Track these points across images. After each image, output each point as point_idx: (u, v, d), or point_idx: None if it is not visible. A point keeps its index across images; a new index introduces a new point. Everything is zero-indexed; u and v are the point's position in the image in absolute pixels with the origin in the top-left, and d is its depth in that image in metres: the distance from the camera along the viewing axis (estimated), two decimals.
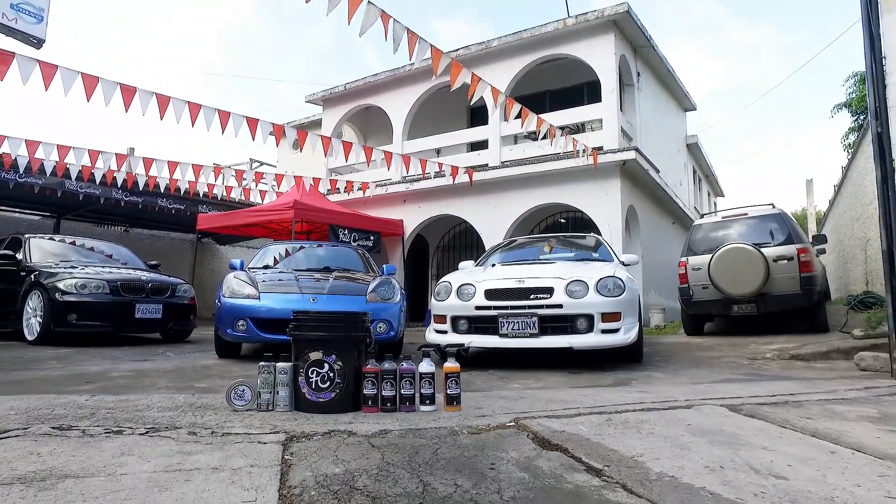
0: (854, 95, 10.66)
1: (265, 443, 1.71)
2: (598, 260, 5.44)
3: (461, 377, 2.31)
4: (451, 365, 2.26)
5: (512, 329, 4.23)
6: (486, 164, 10.35)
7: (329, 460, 1.56)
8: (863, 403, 2.52)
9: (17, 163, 8.94)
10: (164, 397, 2.55)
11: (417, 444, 1.72)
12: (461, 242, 12.05)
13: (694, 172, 16.23)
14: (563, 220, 11.58)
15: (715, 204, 19.88)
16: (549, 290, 4.25)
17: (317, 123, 13.77)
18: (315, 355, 2.11)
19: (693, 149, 15.42)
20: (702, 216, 8.35)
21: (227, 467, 1.50)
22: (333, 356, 2.12)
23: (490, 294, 4.39)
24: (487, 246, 9.41)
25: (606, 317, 4.19)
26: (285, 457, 1.59)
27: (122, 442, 1.70)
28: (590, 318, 4.17)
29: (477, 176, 9.76)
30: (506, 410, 2.20)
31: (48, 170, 9.39)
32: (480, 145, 10.99)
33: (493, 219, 10.00)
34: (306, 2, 4.76)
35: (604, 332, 4.18)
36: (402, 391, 2.17)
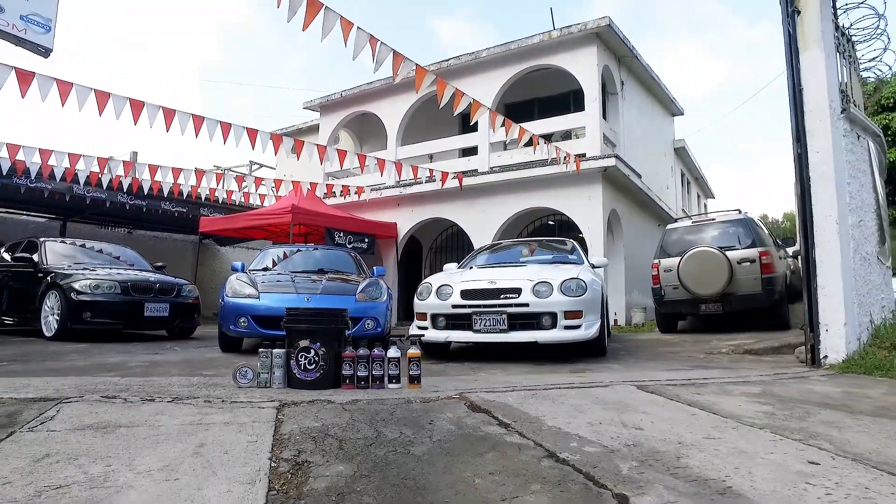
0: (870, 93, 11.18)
1: (263, 408, 2.27)
2: (570, 262, 5.98)
3: (439, 367, 2.86)
4: (414, 351, 2.82)
5: (484, 325, 4.78)
6: (476, 170, 10.91)
7: (311, 418, 2.12)
8: (756, 384, 3.08)
9: (29, 169, 9.50)
10: (180, 379, 3.12)
11: (379, 408, 2.27)
12: (453, 244, 12.61)
13: (682, 176, 16.76)
14: (552, 223, 12.12)
15: (705, 205, 20.42)
16: (518, 291, 4.81)
17: (314, 128, 14.33)
18: (304, 343, 2.67)
19: (681, 152, 15.95)
20: (675, 220, 8.89)
21: (235, 422, 2.06)
22: (318, 344, 2.68)
23: (465, 294, 4.94)
24: (477, 247, 9.96)
25: (569, 314, 4.74)
26: (278, 416, 2.15)
27: (154, 406, 2.26)
28: (553, 315, 4.72)
29: (467, 181, 10.33)
30: (457, 389, 2.75)
31: (58, 175, 9.97)
32: (471, 151, 11.54)
33: (482, 222, 10.56)
34: (283, 11, 5.32)
35: (566, 328, 4.72)
36: (374, 372, 2.72)
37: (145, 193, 10.53)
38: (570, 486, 1.47)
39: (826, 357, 3.93)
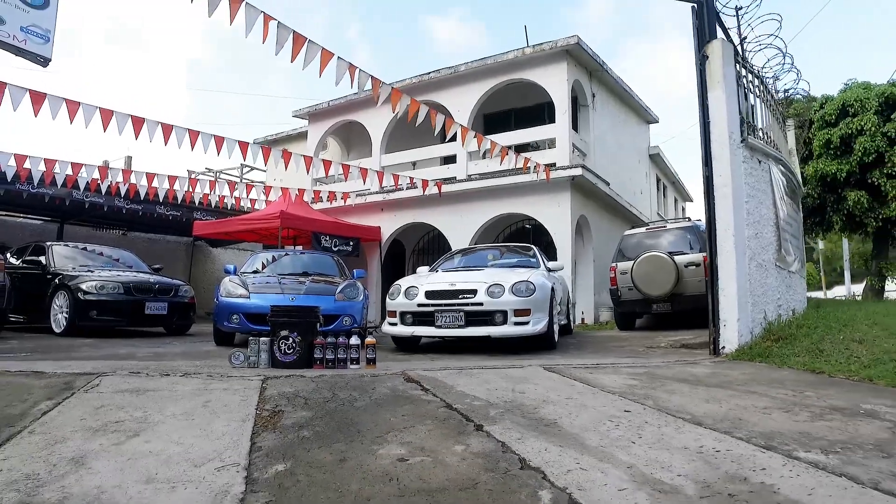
0: (793, 111, 12.11)
1: (252, 380, 3.07)
2: (528, 266, 6.81)
3: (405, 356, 3.67)
4: (370, 339, 3.64)
5: (445, 322, 5.60)
6: (455, 177, 11.73)
7: (286, 386, 2.93)
8: (647, 368, 3.91)
9: (31, 176, 10.24)
10: (186, 362, 3.92)
11: (338, 380, 3.09)
12: (434, 246, 13.42)
13: (658, 181, 17.66)
14: (528, 226, 12.95)
15: (683, 209, 21.35)
16: (474, 292, 5.63)
17: (303, 135, 15.09)
18: (284, 332, 3.47)
19: (656, 159, 16.84)
20: (631, 227, 9.74)
21: (231, 388, 2.86)
22: (295, 333, 3.48)
23: (429, 294, 5.75)
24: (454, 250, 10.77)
25: (518, 312, 5.56)
26: (263, 385, 2.95)
27: (170, 379, 3.06)
28: (504, 313, 5.54)
29: (446, 188, 11.13)
30: (403, 369, 3.56)
31: (59, 182, 10.71)
32: (451, 159, 12.36)
33: (460, 226, 11.37)
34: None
35: (516, 324, 5.54)
36: (339, 356, 3.53)
37: (141, 198, 11.27)
38: (450, 421, 2.29)
39: (724, 347, 4.78)
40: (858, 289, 19.91)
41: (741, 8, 5.59)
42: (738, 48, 5.72)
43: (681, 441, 2.10)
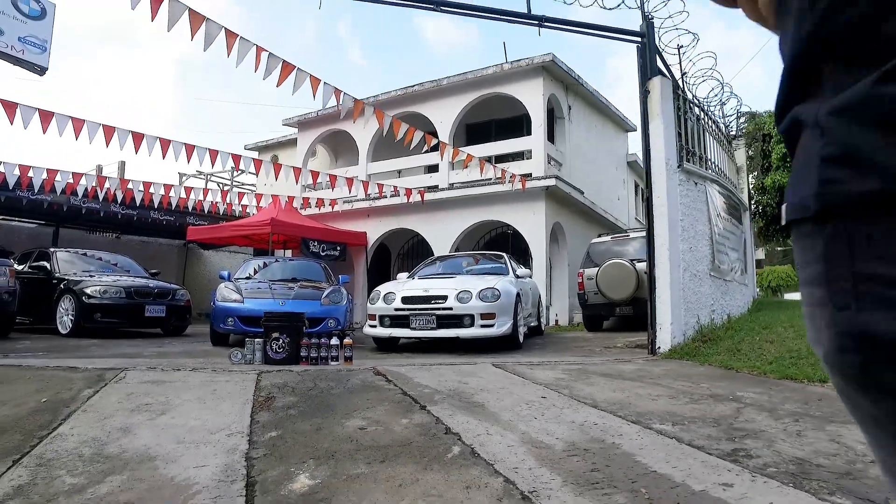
0: (744, 129, 13.00)
1: (249, 373, 3.80)
2: (498, 273, 7.56)
3: (383, 356, 4.40)
4: (348, 340, 4.37)
5: (418, 324, 6.34)
6: (437, 186, 12.47)
7: (277, 378, 3.66)
8: (583, 364, 4.68)
9: (32, 183, 10.85)
10: (190, 360, 4.63)
11: (319, 374, 3.82)
12: (418, 251, 14.15)
13: (636, 187, 18.49)
14: (509, 232, 13.71)
15: None
16: (445, 297, 6.37)
17: (293, 141, 15.76)
18: (275, 334, 4.20)
19: (634, 166, 17.64)
20: (598, 236, 10.53)
21: (232, 380, 3.59)
22: (285, 335, 4.21)
23: (405, 300, 6.49)
24: (436, 255, 11.51)
25: (484, 315, 6.31)
26: (258, 378, 3.67)
27: (182, 373, 3.78)
28: (472, 316, 6.29)
29: (428, 196, 11.88)
30: (375, 365, 4.30)
31: (59, 189, 11.33)
32: (434, 168, 13.10)
33: (442, 232, 12.12)
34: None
35: (482, 326, 6.29)
36: (321, 354, 4.26)
37: (137, 204, 11.92)
38: (402, 403, 3.03)
39: (659, 348, 5.56)
40: None
41: (682, 46, 6.37)
42: (681, 82, 6.50)
43: (572, 418, 2.86)
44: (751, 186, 13.26)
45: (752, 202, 13.02)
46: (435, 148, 12.58)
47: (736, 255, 7.21)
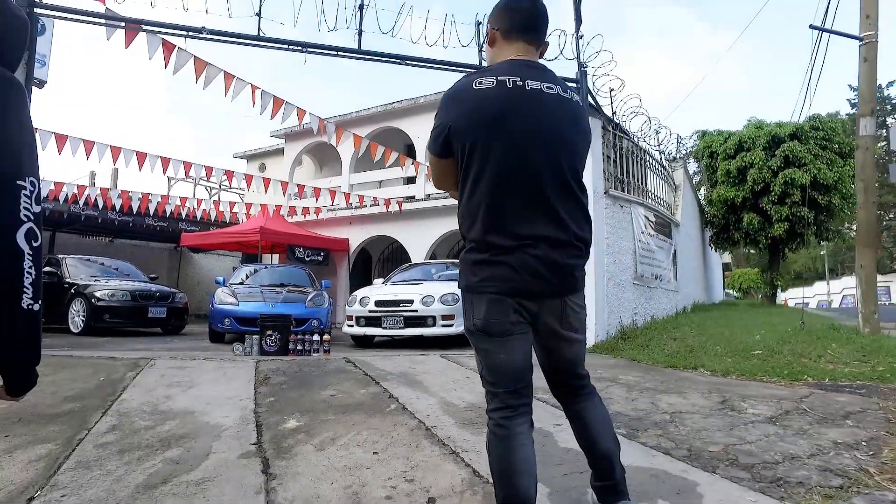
0: (696, 147, 14.39)
1: (249, 362, 5.00)
2: None
3: (360, 351, 5.63)
4: (327, 336, 5.60)
5: (389, 324, 7.57)
6: (414, 196, 13.70)
7: (271, 364, 4.87)
8: None
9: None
10: (200, 353, 5.82)
11: (304, 362, 5.04)
12: (397, 256, 15.38)
13: None
14: None
15: None
16: (411, 301, 7.61)
17: (281, 151, 16.89)
18: (269, 332, 5.41)
19: None
20: None
21: (237, 366, 4.80)
22: (276, 332, 5.42)
23: (377, 303, 7.72)
24: (414, 259, 12.75)
25: (445, 317, 7.55)
26: (257, 364, 4.88)
27: (197, 361, 4.98)
28: (434, 317, 7.53)
29: (406, 206, 13.10)
30: (347, 356, 5.52)
31: (62, 199, 12.36)
32: (412, 179, 14.32)
33: (419, 239, 13.34)
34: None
35: (443, 325, 7.53)
36: (305, 347, 5.48)
37: (134, 212, 13.00)
38: (363, 381, 4.27)
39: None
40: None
41: (613, 89, 7.67)
42: (613, 117, 7.80)
43: (481, 390, 4.11)
44: (702, 199, 14.65)
45: (705, 213, 14.39)
46: (412, 155, 13.83)
47: (663, 265, 8.53)
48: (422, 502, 2.24)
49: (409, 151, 15.63)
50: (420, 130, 14.01)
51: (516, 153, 1.68)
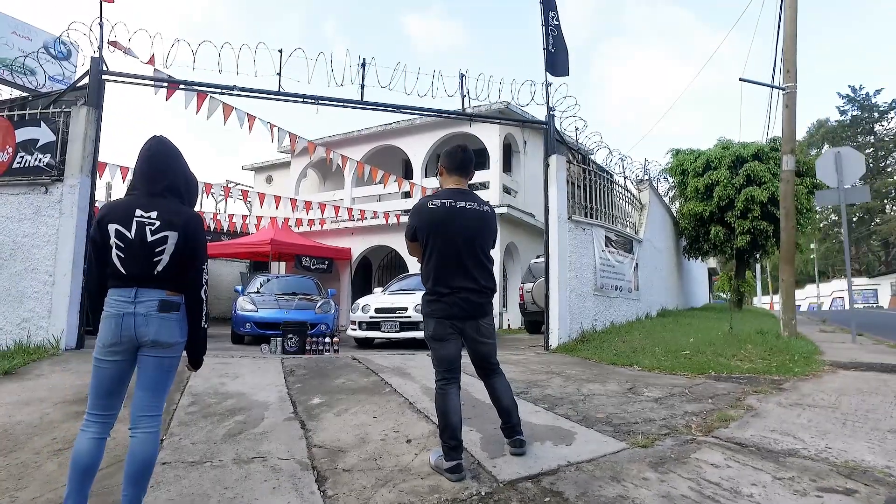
0: (670, 164, 15.85)
1: (276, 359, 6.46)
2: None
3: (363, 350, 7.10)
4: (336, 339, 7.06)
5: (386, 328, 9.04)
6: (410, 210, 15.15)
7: (294, 361, 6.34)
8: None
9: None
10: (234, 351, 7.29)
11: (319, 359, 6.50)
12: (395, 264, 16.86)
13: None
14: None
15: None
16: (406, 308, 9.07)
17: (287, 164, 18.37)
18: (290, 335, 6.87)
19: None
20: (537, 257, 13.26)
21: (268, 362, 6.26)
22: (296, 336, 6.88)
23: (377, 310, 9.18)
24: (411, 269, 14.20)
25: None
26: (283, 361, 6.34)
27: (235, 359, 6.44)
28: None
29: (403, 218, 14.55)
30: (353, 355, 6.97)
31: None
32: (409, 194, 15.78)
33: None
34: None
35: None
36: (319, 347, 6.94)
37: None
38: (365, 372, 5.74)
39: (551, 345, 8.28)
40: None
41: (578, 128, 9.12)
42: (578, 151, 9.24)
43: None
44: (676, 212, 16.10)
45: (679, 226, 15.83)
46: (409, 175, 15.30)
47: (625, 278, 9.98)
48: (403, 442, 3.70)
49: (406, 167, 17.11)
50: (416, 149, 15.49)
51: (450, 242, 3.13)
